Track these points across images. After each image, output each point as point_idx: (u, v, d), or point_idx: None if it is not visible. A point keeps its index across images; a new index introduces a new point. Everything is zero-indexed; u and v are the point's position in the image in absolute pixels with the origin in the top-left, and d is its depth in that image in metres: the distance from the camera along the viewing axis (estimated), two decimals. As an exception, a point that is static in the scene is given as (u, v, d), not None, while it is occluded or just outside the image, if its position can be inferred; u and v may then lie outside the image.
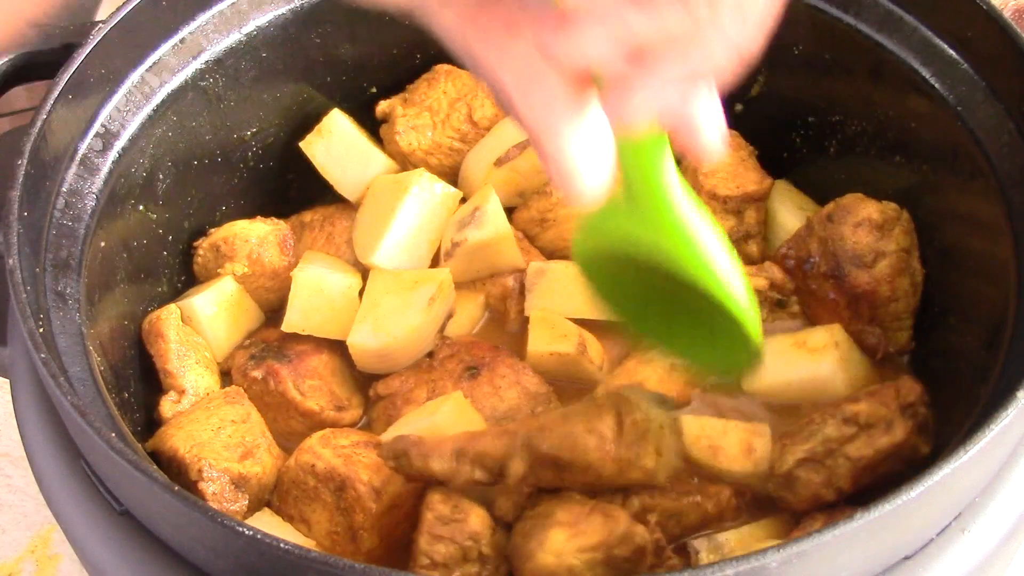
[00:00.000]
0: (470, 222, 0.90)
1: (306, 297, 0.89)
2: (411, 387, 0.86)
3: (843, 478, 0.77)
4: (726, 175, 0.95)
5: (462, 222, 0.90)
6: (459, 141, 0.98)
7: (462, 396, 0.83)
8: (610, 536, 0.70)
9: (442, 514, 0.72)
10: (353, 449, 0.79)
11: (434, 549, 0.72)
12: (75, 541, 0.69)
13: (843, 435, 0.77)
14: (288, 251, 0.93)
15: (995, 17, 0.81)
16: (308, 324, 0.89)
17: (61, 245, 0.78)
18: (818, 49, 0.95)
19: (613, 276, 0.67)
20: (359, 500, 0.76)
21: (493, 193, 0.91)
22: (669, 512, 0.78)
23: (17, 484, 1.01)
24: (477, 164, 0.97)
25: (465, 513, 0.73)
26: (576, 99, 0.51)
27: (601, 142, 0.52)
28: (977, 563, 0.66)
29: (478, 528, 0.72)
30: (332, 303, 0.89)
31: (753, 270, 0.92)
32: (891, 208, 0.89)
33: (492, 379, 0.85)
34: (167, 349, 0.86)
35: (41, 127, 0.77)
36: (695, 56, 0.49)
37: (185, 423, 0.82)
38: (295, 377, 0.86)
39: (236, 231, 0.92)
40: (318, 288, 0.89)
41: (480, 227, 0.89)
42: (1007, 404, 0.63)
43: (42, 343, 0.67)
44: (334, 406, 0.87)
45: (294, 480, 0.80)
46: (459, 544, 0.72)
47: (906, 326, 0.90)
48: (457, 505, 0.73)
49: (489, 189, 0.92)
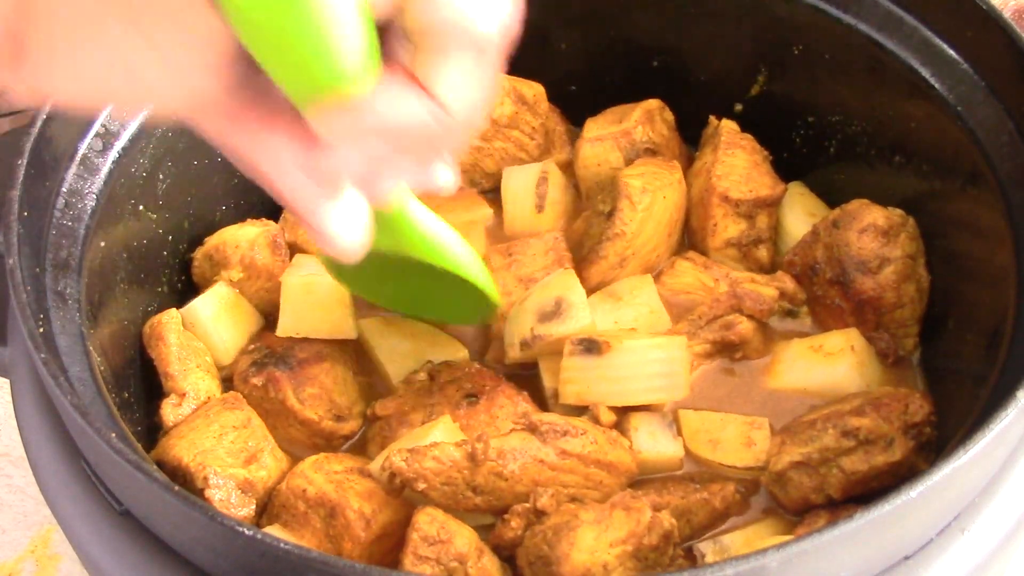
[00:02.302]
0: (554, 316, 0.85)
1: (297, 300, 0.89)
2: (408, 410, 0.85)
3: (834, 487, 0.77)
4: (739, 179, 0.95)
5: (544, 314, 0.86)
6: (477, 139, 0.99)
7: (451, 420, 0.82)
8: (637, 526, 0.70)
9: (428, 535, 0.72)
10: (346, 475, 0.78)
11: (419, 569, 0.71)
12: (75, 541, 0.69)
13: (840, 447, 0.76)
14: (280, 251, 0.93)
15: (995, 17, 0.81)
16: (302, 327, 0.89)
17: (61, 245, 0.78)
18: (818, 49, 0.95)
19: (364, 274, 0.77)
20: (348, 528, 0.76)
21: (577, 283, 0.87)
22: (679, 510, 0.78)
23: (17, 484, 1.01)
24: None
25: (451, 534, 0.72)
26: (331, 185, 0.59)
27: (357, 210, 0.61)
28: (977, 563, 0.66)
29: (464, 550, 0.72)
30: (322, 303, 0.89)
31: (765, 279, 0.92)
32: (897, 214, 0.89)
33: (490, 408, 0.84)
34: (168, 352, 0.86)
35: (41, 127, 0.77)
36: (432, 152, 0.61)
37: (187, 432, 0.81)
38: (295, 385, 0.86)
39: (226, 238, 0.93)
40: (308, 290, 0.89)
41: (565, 322, 0.85)
42: (1007, 404, 0.63)
43: (42, 343, 0.67)
44: (333, 416, 0.86)
45: (284, 504, 0.79)
46: (444, 565, 0.71)
47: (912, 332, 0.90)
48: (444, 526, 0.72)
49: (571, 277, 0.88)
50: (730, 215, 0.94)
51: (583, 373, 0.83)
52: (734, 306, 0.90)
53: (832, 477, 0.77)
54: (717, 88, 1.03)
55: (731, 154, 0.96)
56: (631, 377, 0.83)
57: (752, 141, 0.98)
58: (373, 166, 0.58)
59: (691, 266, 0.94)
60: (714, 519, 0.80)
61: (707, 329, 0.90)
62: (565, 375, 0.83)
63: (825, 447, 0.77)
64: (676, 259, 0.95)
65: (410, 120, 0.53)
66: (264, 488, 0.80)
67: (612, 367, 0.82)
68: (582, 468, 0.78)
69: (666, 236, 0.95)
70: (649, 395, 0.84)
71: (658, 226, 0.93)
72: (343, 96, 0.52)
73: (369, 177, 0.60)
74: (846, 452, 0.76)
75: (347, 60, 0.51)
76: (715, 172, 0.95)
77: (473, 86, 0.54)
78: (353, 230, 0.61)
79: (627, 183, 0.92)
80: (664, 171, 0.95)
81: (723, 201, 0.94)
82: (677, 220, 0.96)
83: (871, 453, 0.76)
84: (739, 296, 0.89)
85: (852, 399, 0.81)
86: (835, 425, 0.77)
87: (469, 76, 0.53)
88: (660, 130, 1.01)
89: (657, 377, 0.84)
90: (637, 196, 0.91)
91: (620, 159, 0.98)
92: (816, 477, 0.77)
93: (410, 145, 0.55)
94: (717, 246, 0.95)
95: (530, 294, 0.88)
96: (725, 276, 0.92)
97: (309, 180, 0.58)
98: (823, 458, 0.77)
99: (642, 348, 0.83)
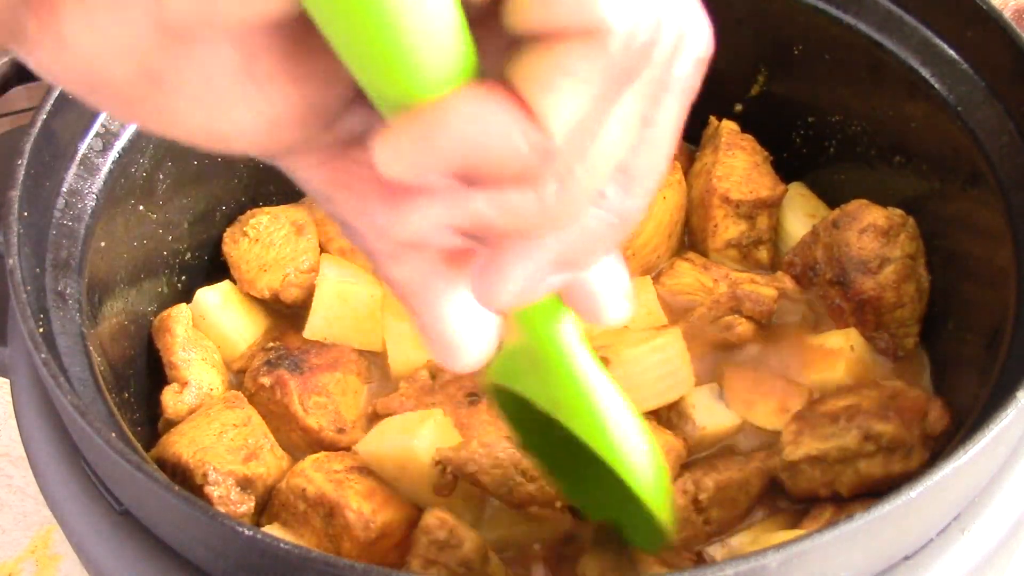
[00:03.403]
0: None
1: (330, 306, 0.89)
2: (410, 408, 0.85)
3: (844, 486, 0.77)
4: (740, 179, 0.95)
5: None
6: None
7: (442, 414, 0.82)
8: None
9: (438, 539, 0.72)
10: (346, 474, 0.78)
11: (427, 573, 0.71)
12: (75, 541, 0.69)
13: (861, 450, 0.76)
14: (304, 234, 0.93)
15: (995, 17, 0.81)
16: (331, 332, 0.89)
17: (61, 245, 0.78)
18: (818, 49, 0.95)
19: (523, 411, 0.60)
20: (348, 528, 0.75)
21: None
22: (740, 482, 0.78)
23: (17, 484, 1.01)
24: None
25: (461, 539, 0.72)
26: (451, 269, 0.45)
27: (482, 314, 0.46)
28: (977, 563, 0.66)
29: (471, 556, 0.72)
30: (356, 313, 0.89)
31: (765, 280, 0.92)
32: (897, 214, 0.89)
33: (492, 408, 0.85)
34: (173, 342, 0.86)
35: (41, 127, 0.77)
36: (570, 237, 0.41)
37: (187, 429, 0.82)
38: (302, 391, 0.85)
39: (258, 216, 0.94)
40: (342, 298, 0.89)
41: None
42: (1007, 404, 0.62)
43: (42, 343, 0.67)
44: (335, 427, 0.86)
45: (284, 503, 0.79)
46: (451, 570, 0.71)
47: (912, 332, 0.89)
48: (453, 531, 0.72)
49: None
50: (730, 216, 0.94)
51: None
52: (733, 307, 0.90)
53: (845, 476, 0.76)
54: (717, 88, 1.02)
55: (731, 155, 0.96)
56: (637, 387, 0.83)
57: (752, 142, 0.98)
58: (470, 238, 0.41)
59: (691, 267, 0.94)
60: (766, 487, 0.81)
61: (707, 331, 0.90)
62: None
63: (845, 447, 0.76)
64: (676, 260, 0.95)
65: (490, 138, 0.36)
66: (264, 486, 0.80)
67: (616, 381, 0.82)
68: None
69: (666, 237, 0.95)
70: (658, 399, 0.84)
71: (658, 227, 0.93)
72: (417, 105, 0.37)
73: (483, 263, 0.42)
74: (866, 455, 0.76)
75: (433, 57, 0.36)
76: (715, 173, 0.95)
77: (593, 109, 0.37)
78: (473, 335, 0.46)
79: (626, 184, 0.92)
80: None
81: (724, 202, 0.94)
82: (677, 221, 0.96)
83: (890, 460, 0.75)
84: (738, 297, 0.90)
85: (867, 390, 0.80)
86: (859, 427, 0.76)
87: (591, 98, 0.36)
88: (660, 130, 1.01)
89: (662, 380, 0.84)
90: (637, 196, 0.91)
91: (619, 159, 0.98)
92: (829, 473, 0.77)
93: (496, 180, 0.37)
94: (717, 247, 0.95)
95: None
96: (725, 277, 0.92)
97: (422, 263, 0.44)
98: (841, 457, 0.76)
99: (642, 355, 0.83)
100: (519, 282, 0.42)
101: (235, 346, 0.91)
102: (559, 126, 0.36)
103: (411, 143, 0.37)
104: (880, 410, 0.77)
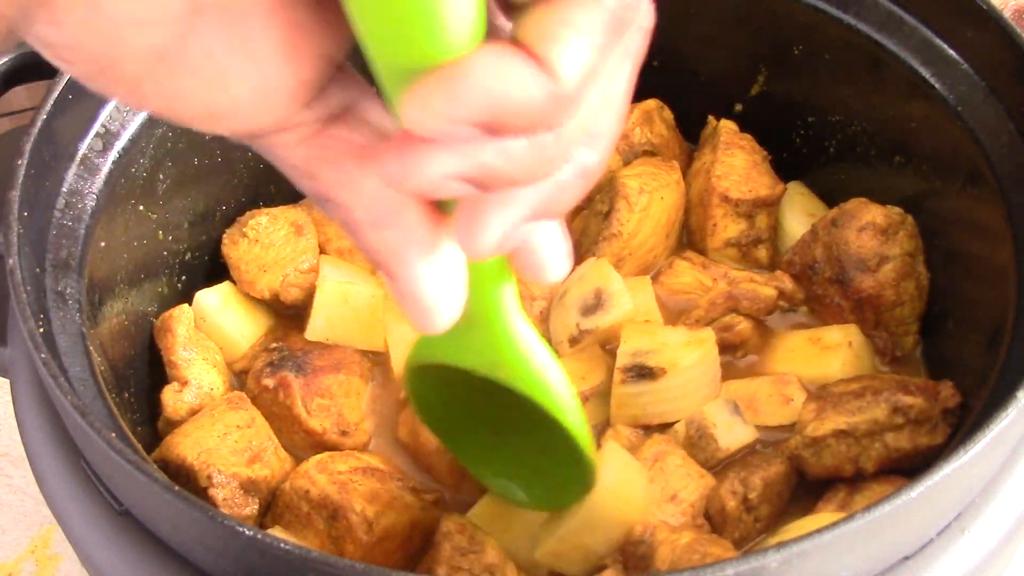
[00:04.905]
0: (597, 308, 0.86)
1: (331, 307, 0.89)
2: None
3: (871, 460, 0.77)
4: (739, 178, 0.95)
5: (586, 307, 0.87)
6: None
7: None
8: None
9: (460, 545, 0.72)
10: (350, 476, 0.78)
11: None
12: (75, 541, 0.69)
13: (891, 422, 0.76)
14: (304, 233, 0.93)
15: (995, 17, 0.81)
16: (332, 333, 0.89)
17: (61, 245, 0.78)
18: (818, 49, 0.95)
19: (441, 401, 0.68)
20: (351, 530, 0.75)
21: (612, 270, 0.88)
22: (780, 476, 0.79)
23: (17, 484, 1.01)
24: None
25: (481, 544, 0.72)
26: (430, 235, 0.49)
27: (455, 275, 0.50)
28: (977, 563, 0.66)
29: (495, 560, 0.72)
30: (358, 314, 0.89)
31: (763, 278, 0.92)
32: (895, 212, 0.89)
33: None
34: (174, 342, 0.86)
35: (41, 127, 0.77)
36: (545, 188, 0.46)
37: (191, 431, 0.81)
38: (305, 393, 0.85)
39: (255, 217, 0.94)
40: (344, 299, 0.89)
41: (609, 311, 0.86)
42: (1007, 404, 0.63)
43: (42, 343, 0.67)
44: (339, 430, 0.85)
45: (288, 504, 0.79)
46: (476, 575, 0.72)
47: (912, 330, 0.90)
48: (473, 536, 0.73)
49: (605, 266, 0.88)
50: (730, 215, 0.94)
51: (638, 399, 0.83)
52: (732, 307, 0.90)
53: (873, 450, 0.76)
54: (717, 88, 1.03)
55: (730, 154, 0.96)
56: (689, 394, 0.84)
57: (751, 141, 0.98)
58: (471, 187, 0.44)
59: (689, 266, 0.94)
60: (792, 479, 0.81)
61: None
62: (618, 401, 0.84)
63: (875, 419, 0.76)
64: (674, 259, 0.95)
65: (511, 88, 0.40)
66: (268, 488, 0.80)
67: (667, 389, 0.83)
68: None
69: (664, 237, 0.95)
70: (697, 405, 0.84)
71: (656, 227, 0.93)
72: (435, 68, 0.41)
73: (470, 209, 0.46)
74: (894, 428, 0.76)
75: (458, 21, 0.40)
76: (714, 172, 0.95)
77: (596, 58, 0.41)
78: (448, 297, 0.50)
79: (624, 184, 0.92)
80: (662, 172, 0.95)
81: (723, 201, 0.94)
82: (675, 221, 0.96)
83: (917, 434, 0.76)
84: (737, 296, 0.90)
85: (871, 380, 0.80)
86: (887, 400, 0.76)
87: (594, 47, 0.41)
88: (659, 130, 1.01)
89: (706, 386, 0.85)
90: (634, 197, 0.91)
91: (618, 161, 0.98)
92: (856, 448, 0.77)
93: (516, 127, 0.41)
94: (717, 246, 0.95)
95: (567, 289, 0.88)
96: (723, 276, 0.93)
97: (404, 231, 0.48)
98: (870, 430, 0.76)
99: (696, 364, 0.83)
100: (500, 228, 0.46)
101: (237, 346, 0.91)
102: (570, 74, 0.41)
103: (442, 98, 0.40)
104: (904, 387, 0.77)
